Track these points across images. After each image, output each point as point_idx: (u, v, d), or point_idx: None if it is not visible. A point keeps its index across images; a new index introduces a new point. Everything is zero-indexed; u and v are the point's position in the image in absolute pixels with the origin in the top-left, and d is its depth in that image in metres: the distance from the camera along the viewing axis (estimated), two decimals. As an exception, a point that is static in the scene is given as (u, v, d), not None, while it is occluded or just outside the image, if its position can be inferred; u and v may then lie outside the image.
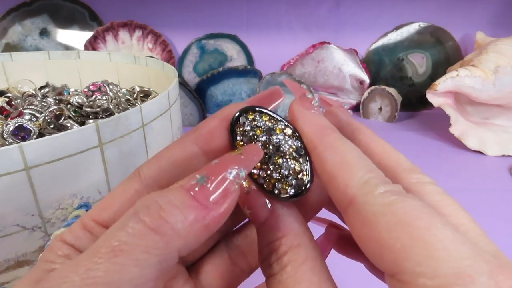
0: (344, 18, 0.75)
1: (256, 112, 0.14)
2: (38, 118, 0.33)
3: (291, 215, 0.13)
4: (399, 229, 0.10)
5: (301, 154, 0.13)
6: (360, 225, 0.11)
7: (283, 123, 0.14)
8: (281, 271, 0.12)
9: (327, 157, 0.12)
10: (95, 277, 0.09)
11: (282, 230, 0.12)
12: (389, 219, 0.10)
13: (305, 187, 0.13)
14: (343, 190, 0.11)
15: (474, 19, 0.73)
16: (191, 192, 0.11)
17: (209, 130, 0.13)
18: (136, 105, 0.30)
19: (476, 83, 0.53)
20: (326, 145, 0.12)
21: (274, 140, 0.13)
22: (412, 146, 0.59)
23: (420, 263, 0.09)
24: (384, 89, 0.68)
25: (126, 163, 0.27)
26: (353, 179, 0.11)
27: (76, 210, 0.23)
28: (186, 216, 0.10)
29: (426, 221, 0.10)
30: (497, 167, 0.52)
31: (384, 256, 0.10)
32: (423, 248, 0.09)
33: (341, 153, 0.12)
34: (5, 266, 0.23)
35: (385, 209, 0.10)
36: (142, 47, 0.74)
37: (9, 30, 0.71)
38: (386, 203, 0.10)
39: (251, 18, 0.75)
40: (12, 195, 0.21)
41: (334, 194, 0.12)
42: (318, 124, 0.13)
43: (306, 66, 0.73)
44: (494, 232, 0.36)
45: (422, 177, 0.12)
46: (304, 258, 0.12)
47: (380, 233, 0.10)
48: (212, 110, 0.73)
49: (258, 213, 0.13)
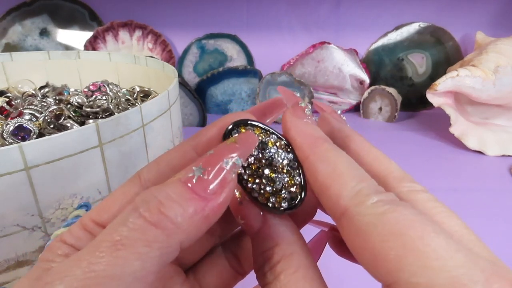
0: (344, 18, 0.75)
1: (249, 125, 0.14)
2: (38, 118, 0.33)
3: (284, 224, 0.13)
4: (392, 239, 0.10)
5: (294, 167, 0.13)
6: (354, 235, 0.11)
7: (275, 136, 0.14)
8: (274, 280, 0.12)
9: (318, 168, 0.12)
10: (97, 271, 0.09)
11: (275, 240, 0.12)
12: (381, 230, 0.10)
13: (299, 200, 0.13)
14: (336, 201, 0.11)
15: (474, 19, 0.73)
16: (188, 185, 0.11)
17: (208, 139, 0.14)
18: (136, 105, 0.30)
19: (476, 83, 0.53)
20: (318, 156, 0.12)
21: (267, 154, 0.13)
22: (412, 146, 0.59)
23: (414, 273, 0.09)
24: (384, 89, 0.68)
25: (126, 163, 0.27)
26: (345, 190, 0.11)
27: (76, 210, 0.23)
28: (185, 209, 0.10)
29: (419, 230, 0.10)
30: (497, 167, 0.52)
31: (379, 267, 0.10)
32: (417, 258, 0.09)
33: (333, 163, 0.12)
34: (5, 266, 0.23)
35: (377, 219, 0.10)
36: (142, 47, 0.74)
37: (9, 30, 0.71)
38: (378, 213, 0.10)
39: (251, 18, 0.75)
40: (12, 195, 0.21)
41: (327, 205, 0.12)
42: (309, 134, 0.13)
43: (306, 66, 0.73)
44: (494, 232, 0.36)
45: (413, 185, 0.12)
46: (297, 267, 0.12)
47: (374, 244, 0.10)
48: (212, 110, 0.73)
49: (251, 223, 0.13)
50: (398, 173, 0.13)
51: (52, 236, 0.21)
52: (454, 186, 0.46)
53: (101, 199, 0.25)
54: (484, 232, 0.38)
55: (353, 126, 0.63)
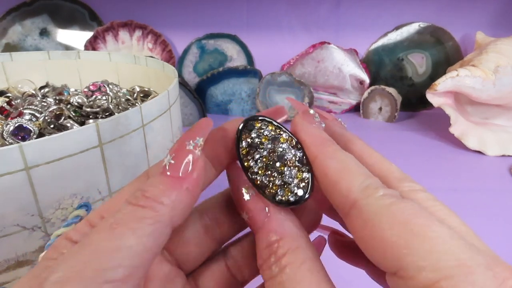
0: (344, 18, 0.75)
1: (263, 121, 0.15)
2: (38, 118, 0.33)
3: (289, 219, 0.13)
4: (401, 227, 0.10)
5: (303, 164, 0.14)
6: (363, 225, 0.11)
7: (287, 133, 0.14)
8: (280, 273, 0.12)
9: (329, 164, 0.13)
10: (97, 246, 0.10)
11: (281, 233, 0.13)
12: (390, 218, 0.11)
13: (306, 194, 0.13)
14: (346, 194, 0.12)
15: (474, 19, 0.73)
16: (166, 173, 0.12)
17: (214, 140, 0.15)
18: (136, 105, 0.30)
19: (476, 83, 0.53)
20: (327, 155, 0.13)
21: (279, 148, 0.14)
22: (412, 146, 0.59)
23: (422, 257, 0.10)
24: (384, 89, 0.68)
25: (126, 163, 0.27)
26: (354, 184, 0.12)
27: (76, 210, 0.23)
28: (165, 189, 0.12)
29: (426, 219, 0.10)
30: (497, 167, 0.52)
31: (387, 254, 0.10)
32: (425, 243, 0.10)
33: (342, 161, 0.13)
34: (5, 266, 0.23)
35: (386, 209, 0.11)
36: (142, 47, 0.74)
37: (9, 30, 0.71)
38: (387, 204, 0.11)
39: (251, 18, 0.75)
40: (12, 195, 0.21)
41: (337, 199, 0.12)
42: (318, 135, 0.14)
43: (306, 66, 0.73)
44: (494, 232, 0.36)
45: (413, 185, 0.13)
46: (303, 260, 0.12)
47: (383, 231, 0.10)
48: (212, 110, 0.73)
49: (256, 217, 0.13)
50: (399, 174, 0.13)
51: (52, 236, 0.21)
52: (454, 186, 0.46)
53: (101, 199, 0.25)
54: (484, 232, 0.38)
55: (353, 126, 0.63)
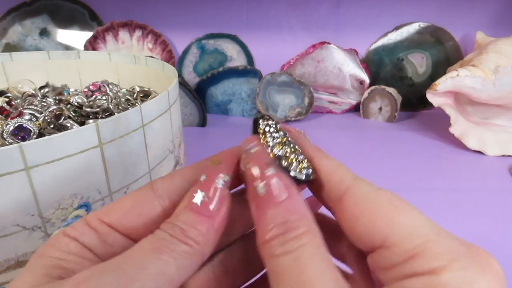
0: (344, 18, 0.75)
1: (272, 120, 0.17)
2: (38, 118, 0.33)
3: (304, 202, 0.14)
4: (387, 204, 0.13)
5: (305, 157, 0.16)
6: (355, 205, 0.13)
7: None
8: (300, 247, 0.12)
9: (324, 161, 0.15)
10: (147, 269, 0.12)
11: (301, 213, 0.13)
12: (378, 198, 0.13)
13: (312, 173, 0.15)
14: (339, 181, 0.14)
15: (474, 19, 0.73)
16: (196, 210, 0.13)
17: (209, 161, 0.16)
18: (136, 105, 0.30)
19: (476, 83, 0.53)
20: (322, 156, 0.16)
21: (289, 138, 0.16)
22: (412, 146, 0.59)
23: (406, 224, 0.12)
24: (384, 89, 0.68)
25: (126, 163, 0.27)
26: (346, 176, 0.15)
27: (76, 210, 0.23)
28: (200, 230, 0.13)
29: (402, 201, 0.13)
30: (497, 167, 0.52)
31: (376, 228, 0.12)
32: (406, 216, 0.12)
33: (333, 160, 0.16)
34: (5, 266, 0.23)
35: (374, 192, 0.13)
36: (142, 47, 0.74)
37: (9, 30, 0.71)
38: (374, 189, 0.14)
39: (251, 18, 0.75)
40: (12, 195, 0.21)
41: (330, 188, 0.15)
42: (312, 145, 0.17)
43: (306, 66, 0.73)
44: (494, 232, 0.36)
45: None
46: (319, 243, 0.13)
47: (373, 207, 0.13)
48: (212, 110, 0.73)
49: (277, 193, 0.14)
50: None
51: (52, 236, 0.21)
52: (454, 186, 0.46)
53: (101, 199, 0.25)
54: (484, 232, 0.38)
55: (353, 126, 0.63)
